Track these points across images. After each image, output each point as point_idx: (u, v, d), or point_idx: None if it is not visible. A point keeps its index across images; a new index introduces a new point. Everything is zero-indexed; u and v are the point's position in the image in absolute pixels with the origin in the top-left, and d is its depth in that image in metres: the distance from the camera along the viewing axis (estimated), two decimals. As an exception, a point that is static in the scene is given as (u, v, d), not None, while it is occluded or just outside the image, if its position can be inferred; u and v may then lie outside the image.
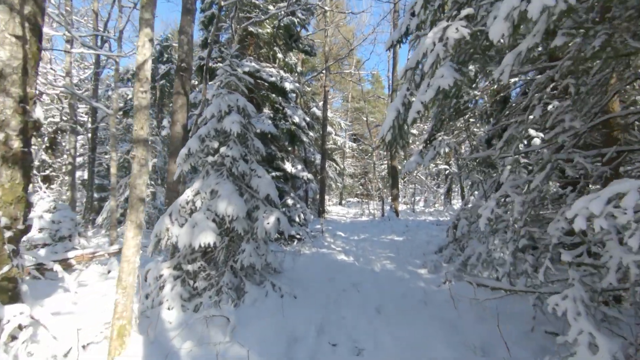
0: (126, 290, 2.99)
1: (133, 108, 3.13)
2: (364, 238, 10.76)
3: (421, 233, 10.34)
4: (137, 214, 3.05)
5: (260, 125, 9.76)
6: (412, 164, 6.29)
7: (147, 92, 3.13)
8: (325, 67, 17.78)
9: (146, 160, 3.09)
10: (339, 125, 21.60)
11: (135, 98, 3.08)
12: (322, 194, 17.14)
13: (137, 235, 3.07)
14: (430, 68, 2.47)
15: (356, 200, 33.46)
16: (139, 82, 3.10)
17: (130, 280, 3.02)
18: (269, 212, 5.24)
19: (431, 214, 15.05)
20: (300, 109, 11.91)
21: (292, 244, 9.74)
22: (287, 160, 11.11)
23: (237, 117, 5.27)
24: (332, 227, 13.84)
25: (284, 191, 10.54)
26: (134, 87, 3.07)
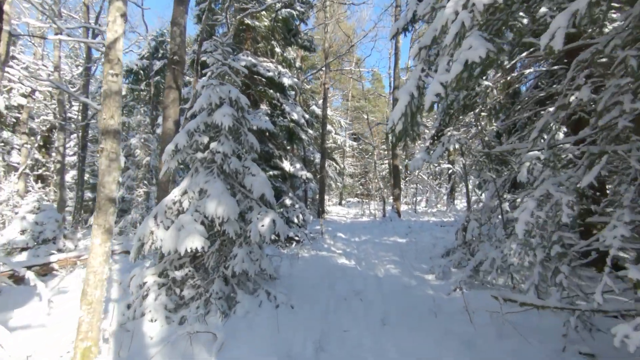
0: (92, 307, 2.54)
1: (102, 94, 2.68)
2: (365, 240, 10.32)
3: (425, 235, 9.90)
4: (106, 217, 2.61)
5: (256, 122, 9.32)
6: (418, 161, 5.85)
7: (118, 75, 2.69)
8: (325, 64, 17.33)
9: (117, 154, 2.65)
10: (339, 123, 21.16)
11: (104, 82, 2.65)
12: (321, 194, 16.69)
13: (106, 241, 2.63)
14: (452, 40, 2.04)
15: (356, 200, 33.03)
16: (109, 64, 2.66)
17: (97, 294, 2.57)
18: (263, 213, 4.80)
19: (434, 215, 14.61)
20: (299, 106, 11.47)
21: (290, 247, 9.30)
22: (286, 159, 10.66)
23: (228, 110, 4.82)
24: (332, 228, 13.39)
25: (281, 191, 10.10)
26: (104, 69, 2.64)
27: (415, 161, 5.92)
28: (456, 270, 5.86)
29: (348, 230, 12.56)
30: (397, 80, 14.64)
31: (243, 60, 9.81)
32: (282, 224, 4.83)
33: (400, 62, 14.90)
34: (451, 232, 9.47)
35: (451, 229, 10.24)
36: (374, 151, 18.61)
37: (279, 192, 10.20)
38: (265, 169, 9.83)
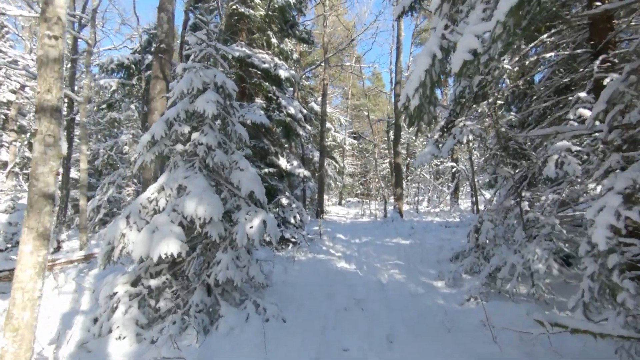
0: (19, 333, 1.96)
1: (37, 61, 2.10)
2: (366, 241, 9.74)
3: (430, 236, 9.32)
4: (40, 218, 2.04)
5: (250, 116, 8.74)
6: (425, 155, 5.28)
7: (58, 38, 2.11)
8: (325, 60, 16.74)
9: (56, 138, 2.07)
10: (339, 121, 20.59)
11: (39, 46, 2.07)
12: (320, 193, 16.11)
13: (40, 248, 2.05)
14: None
15: (356, 200, 32.48)
16: (46, 24, 2.08)
17: (25, 317, 1.99)
18: (252, 214, 4.22)
19: (437, 215, 14.04)
20: (296, 101, 10.88)
21: (286, 249, 8.72)
22: (282, 156, 10.09)
23: (213, 96, 4.24)
24: (331, 229, 12.81)
25: (278, 189, 9.53)
26: (40, 30, 2.06)
27: (422, 156, 5.34)
28: (469, 277, 5.29)
29: (348, 231, 11.98)
30: (399, 75, 14.06)
31: (237, 51, 9.23)
32: (273, 225, 4.25)
33: (402, 57, 14.33)
34: (458, 234, 8.90)
35: (457, 230, 9.66)
36: (374, 149, 18.02)
37: (275, 191, 9.63)
38: (260, 166, 9.26)
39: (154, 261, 3.75)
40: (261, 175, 8.96)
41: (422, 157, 5.33)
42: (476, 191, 8.79)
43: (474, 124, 4.81)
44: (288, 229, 9.41)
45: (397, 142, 13.80)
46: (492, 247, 5.17)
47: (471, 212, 13.68)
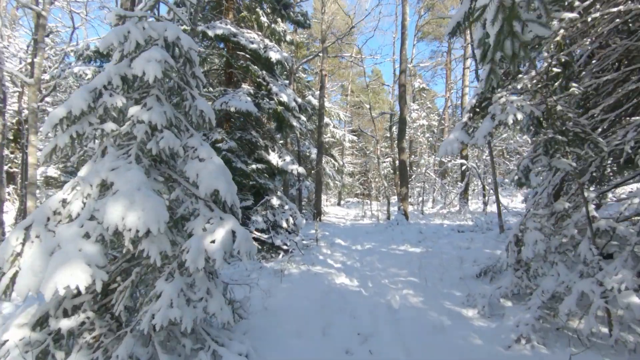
0: None
1: None
2: (369, 249, 8.48)
3: (443, 243, 8.06)
4: None
5: (235, 103, 7.47)
6: (452, 143, 4.02)
7: None
8: (323, 49, 15.48)
9: None
10: (338, 116, 19.32)
11: None
12: (318, 193, 14.86)
13: None
14: None
15: (356, 201, 31.25)
16: None
17: None
18: (216, 222, 2.95)
19: (446, 217, 12.80)
20: (290, 88, 9.61)
21: (276, 258, 7.46)
22: (273, 150, 8.83)
23: (158, 54, 2.96)
24: (329, 233, 11.55)
25: (267, 189, 8.26)
26: None
27: (447, 143, 4.07)
28: (510, 304, 4.02)
29: (348, 236, 10.72)
30: (404, 64, 12.80)
31: (220, 28, 7.96)
32: (245, 237, 2.98)
33: (407, 44, 13.05)
34: (476, 240, 7.63)
35: (474, 235, 8.40)
36: (376, 145, 16.74)
37: (264, 190, 8.37)
38: (246, 162, 8.00)
39: (61, 294, 2.46)
40: (247, 172, 7.71)
41: (447, 145, 4.07)
42: (497, 190, 7.55)
43: (520, 99, 3.55)
44: (279, 234, 8.14)
45: (401, 138, 12.54)
46: (541, 264, 3.91)
47: (483, 213, 12.44)
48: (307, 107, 9.88)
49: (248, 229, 7.52)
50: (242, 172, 7.67)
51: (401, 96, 12.68)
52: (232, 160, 7.52)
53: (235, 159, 7.69)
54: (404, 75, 12.79)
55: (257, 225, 7.66)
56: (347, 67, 33.41)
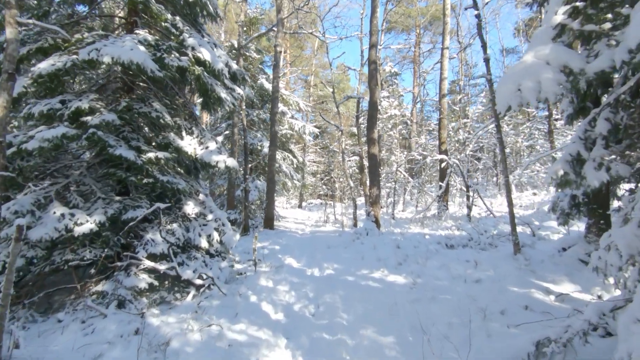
0: None
1: None
2: (331, 276, 5.91)
3: (434, 267, 5.68)
4: None
5: (114, 51, 4.55)
6: (538, 72, 1.54)
7: None
8: (278, 20, 12.73)
9: None
10: (297, 105, 16.63)
11: None
12: (270, 195, 12.08)
13: None
14: None
15: (319, 202, 28.81)
16: None
17: None
18: None
19: (424, 224, 10.60)
20: (220, 48, 6.77)
21: (181, 300, 4.65)
22: (190, 133, 5.97)
23: None
24: (280, 247, 8.86)
25: (176, 190, 5.39)
26: None
27: (527, 74, 1.58)
28: None
29: (304, 252, 8.10)
30: (375, 37, 10.44)
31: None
32: None
33: (378, 13, 10.69)
34: (484, 265, 5.30)
35: (476, 255, 6.09)
36: (341, 138, 14.28)
37: (173, 192, 5.50)
38: (139, 148, 5.08)
39: None
40: (139, 163, 4.82)
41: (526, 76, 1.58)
42: (510, 192, 5.33)
43: None
44: (193, 259, 5.31)
45: (372, 126, 10.14)
46: None
47: (467, 219, 10.37)
48: (244, 76, 7.10)
49: (134, 255, 4.63)
50: (129, 163, 4.77)
51: (371, 75, 10.29)
52: (110, 144, 4.60)
53: (117, 142, 4.77)
54: (374, 51, 10.41)
55: (152, 247, 4.79)
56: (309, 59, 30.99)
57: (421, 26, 27.96)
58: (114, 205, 4.82)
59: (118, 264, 4.61)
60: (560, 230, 7.04)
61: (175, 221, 5.41)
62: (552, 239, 6.44)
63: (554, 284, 4.14)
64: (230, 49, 14.94)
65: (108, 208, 4.74)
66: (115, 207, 4.77)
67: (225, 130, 14.45)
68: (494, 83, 5.78)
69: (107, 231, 4.63)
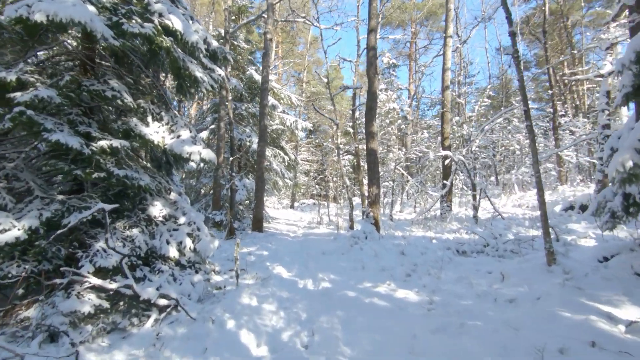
0: None
1: None
2: (327, 290, 4.95)
3: (450, 279, 4.77)
4: None
5: (49, 7, 3.53)
6: None
7: None
8: (268, 5, 11.75)
9: None
10: (289, 100, 15.64)
11: None
12: (259, 194, 11.08)
13: None
14: None
15: (312, 203, 27.85)
16: None
17: None
18: None
19: (427, 226, 9.72)
20: (198, 23, 5.76)
21: (138, 327, 3.65)
22: (159, 119, 4.95)
23: None
24: (269, 252, 7.88)
25: (139, 187, 4.36)
26: None
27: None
28: None
29: (295, 259, 7.13)
30: (374, 20, 9.53)
31: None
32: None
33: None
34: (513, 278, 4.39)
35: (497, 265, 5.20)
36: (336, 132, 13.35)
37: (136, 190, 4.48)
38: (89, 134, 4.06)
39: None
40: (87, 154, 3.82)
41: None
42: (542, 190, 4.46)
43: None
44: (158, 273, 4.31)
45: (371, 119, 9.23)
46: None
47: (473, 220, 9.52)
48: (226, 55, 6.10)
49: (76, 270, 3.61)
50: (75, 153, 3.76)
51: (370, 63, 9.37)
52: (46, 128, 3.58)
53: (57, 126, 3.74)
54: (373, 36, 9.50)
55: (103, 259, 3.77)
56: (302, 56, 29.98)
57: (417, 22, 27.25)
58: (53, 206, 3.79)
59: (57, 281, 3.59)
60: (588, 233, 6.21)
61: (137, 225, 4.39)
62: (581, 245, 5.59)
63: (614, 306, 3.25)
64: (217, 38, 13.87)
65: (45, 210, 3.71)
66: (53, 209, 3.74)
67: (211, 124, 13.39)
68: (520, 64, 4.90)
69: (43, 239, 3.61)
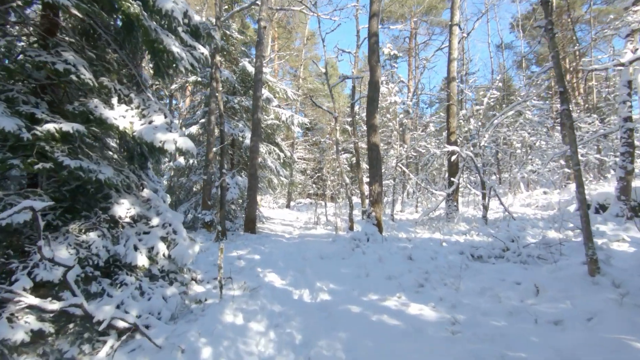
0: None
1: None
2: (326, 303, 4.21)
3: (472, 291, 4.05)
4: None
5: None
6: None
7: None
8: (261, -9, 10.98)
9: None
10: (285, 94, 14.86)
11: None
12: (252, 193, 10.32)
13: None
14: None
15: (309, 202, 27.11)
16: None
17: None
18: None
19: (433, 227, 9.01)
20: None
21: (94, 354, 2.88)
22: (126, 102, 4.17)
23: None
24: (260, 257, 7.11)
25: (98, 182, 3.58)
26: None
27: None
28: None
29: (290, 264, 6.38)
30: (377, 4, 8.79)
31: None
32: None
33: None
34: (549, 291, 3.67)
35: (525, 273, 4.48)
36: (335, 126, 12.60)
37: (98, 186, 3.71)
38: (33, 115, 3.28)
39: None
40: (27, 140, 3.04)
41: None
42: (582, 186, 3.69)
43: None
44: (121, 286, 3.55)
45: (372, 111, 8.50)
46: None
47: (482, 221, 8.82)
48: (210, 32, 5.33)
49: (8, 288, 2.84)
50: (13, 138, 2.98)
51: (372, 50, 8.63)
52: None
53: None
54: (375, 21, 8.77)
55: (47, 272, 3.00)
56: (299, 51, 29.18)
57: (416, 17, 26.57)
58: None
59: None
60: (621, 236, 5.51)
61: (96, 228, 3.61)
62: (616, 250, 4.89)
63: (695, 333, 2.53)
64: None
65: (-30, 209, 2.93)
66: (-20, 208, 2.96)
67: (201, 118, 12.61)
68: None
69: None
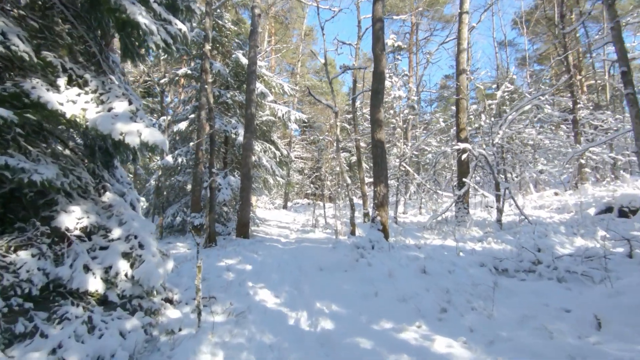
0: None
1: None
2: (328, 334, 3.40)
3: (508, 319, 3.27)
4: None
5: None
6: None
7: None
8: (255, -23, 10.15)
9: None
10: (280, 89, 14.04)
11: None
12: (244, 194, 9.50)
13: None
14: None
15: (307, 203, 26.29)
16: None
17: None
18: None
19: (440, 232, 8.24)
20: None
21: None
22: (81, 85, 3.35)
23: None
24: (252, 268, 6.28)
25: (36, 185, 2.75)
26: None
27: None
28: None
29: (287, 276, 5.58)
30: None
31: None
32: None
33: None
34: (615, 320, 2.89)
35: (571, 296, 3.70)
36: (335, 121, 11.80)
37: (40, 191, 2.88)
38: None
39: None
40: None
41: None
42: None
43: None
44: (62, 321, 2.70)
45: (377, 104, 7.71)
46: None
47: (497, 225, 8.05)
48: (190, 5, 4.52)
49: None
50: None
51: (376, 38, 7.84)
52: None
53: None
54: (380, 5, 7.96)
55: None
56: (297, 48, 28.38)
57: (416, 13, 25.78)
58: None
59: None
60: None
61: (30, 245, 2.79)
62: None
63: None
64: (200, 18, 12.24)
65: None
66: None
67: (191, 114, 11.77)
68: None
69: None
